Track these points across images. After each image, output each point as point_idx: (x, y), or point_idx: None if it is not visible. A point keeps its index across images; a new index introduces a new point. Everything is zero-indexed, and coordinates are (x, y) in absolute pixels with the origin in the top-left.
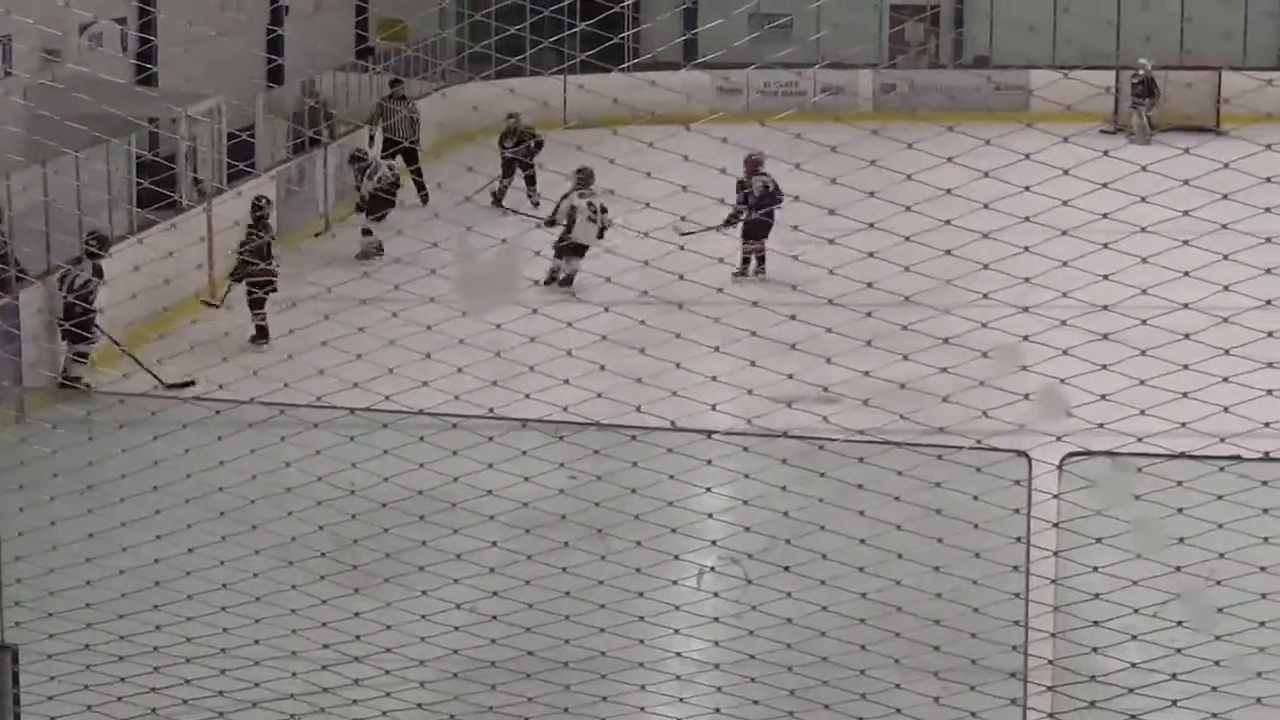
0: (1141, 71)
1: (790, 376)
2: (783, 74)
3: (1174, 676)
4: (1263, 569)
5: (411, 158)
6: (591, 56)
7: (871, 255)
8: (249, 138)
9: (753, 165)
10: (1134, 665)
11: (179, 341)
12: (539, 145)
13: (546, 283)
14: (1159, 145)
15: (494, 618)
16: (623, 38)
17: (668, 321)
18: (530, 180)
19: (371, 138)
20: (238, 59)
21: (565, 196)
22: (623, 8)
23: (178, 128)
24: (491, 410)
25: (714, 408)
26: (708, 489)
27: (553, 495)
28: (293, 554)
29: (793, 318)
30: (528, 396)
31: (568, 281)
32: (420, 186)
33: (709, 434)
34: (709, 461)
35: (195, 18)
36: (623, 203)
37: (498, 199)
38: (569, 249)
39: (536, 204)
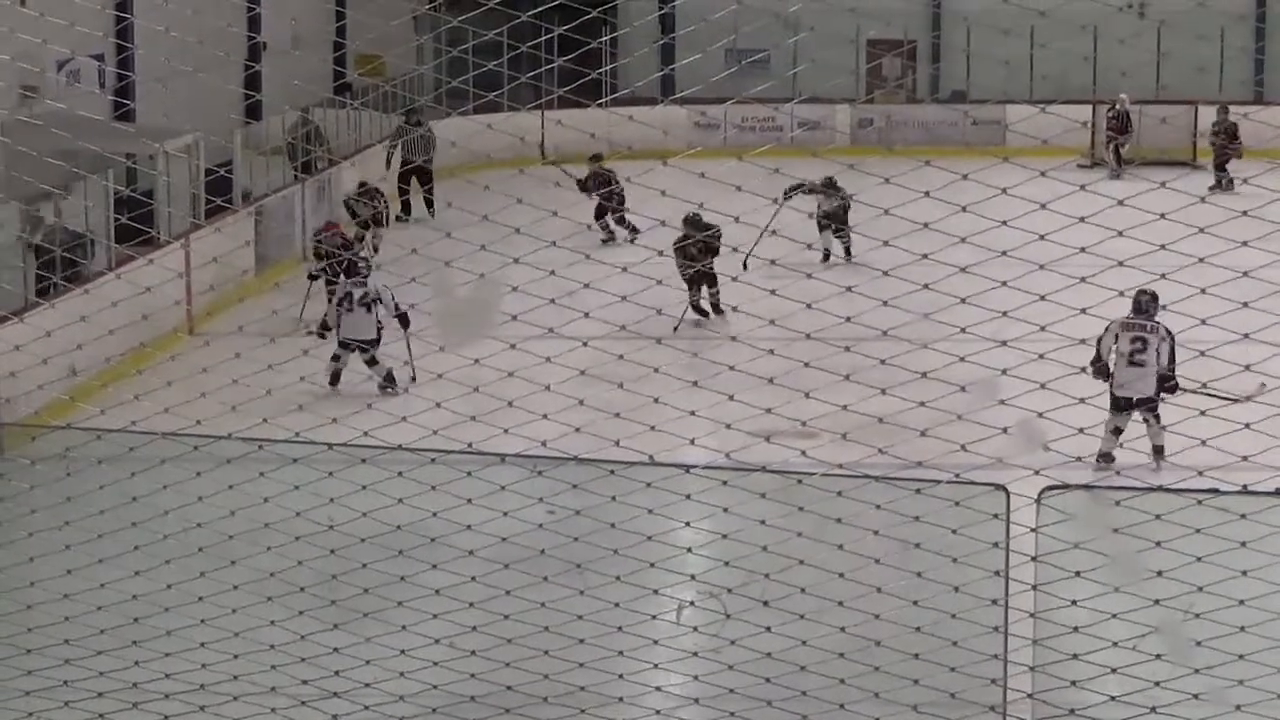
0: (1118, 106)
1: (768, 411)
2: (760, 109)
3: (1153, 710)
4: (1241, 602)
5: (425, 177)
6: (569, 92)
7: (849, 289)
8: (227, 173)
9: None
10: (1113, 698)
11: (157, 377)
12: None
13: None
14: (1134, 179)
15: (473, 653)
16: (600, 73)
17: (646, 356)
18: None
19: (388, 158)
20: (216, 95)
21: None
22: (600, 43)
23: (155, 163)
24: (470, 445)
25: (692, 442)
26: (686, 523)
27: (531, 530)
28: (272, 590)
29: (771, 352)
30: (506, 431)
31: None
32: (430, 205)
33: (687, 468)
34: (688, 496)
35: (173, 54)
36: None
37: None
38: None
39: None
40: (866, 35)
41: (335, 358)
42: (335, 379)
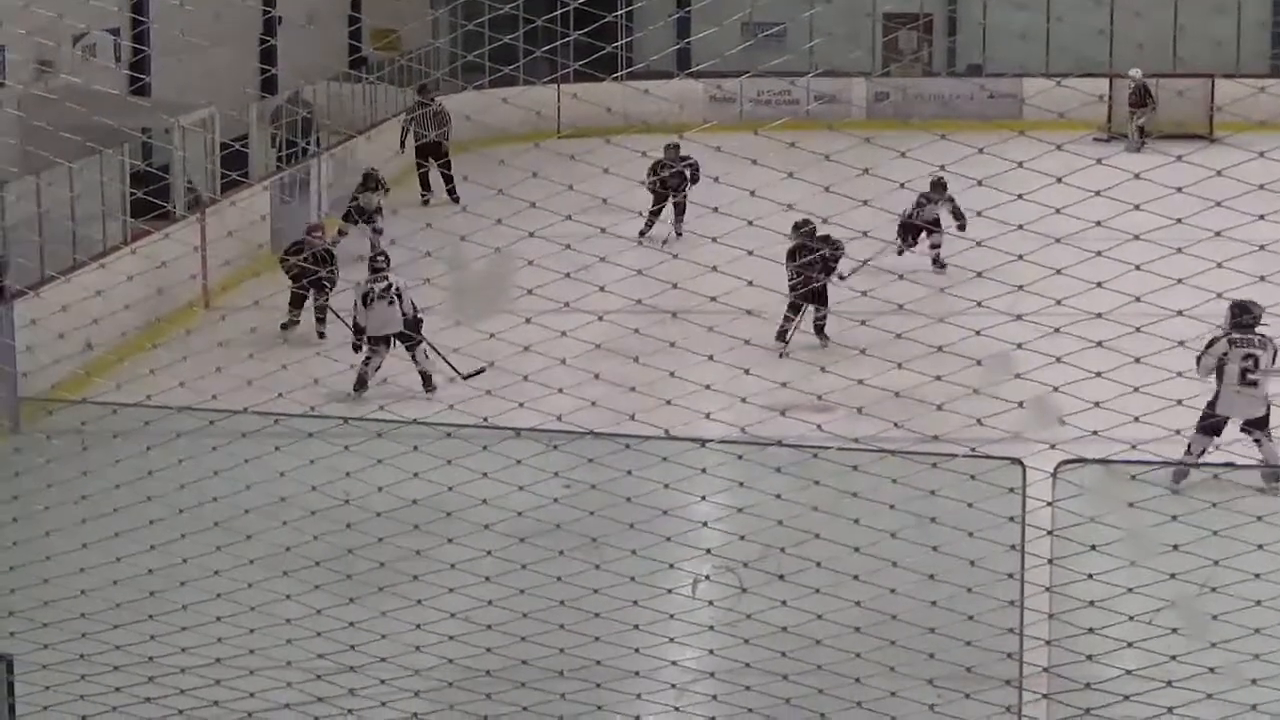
0: (1133, 81)
1: (784, 384)
2: (776, 82)
3: (1169, 684)
4: (1256, 576)
5: (439, 153)
6: (585, 65)
7: (864, 263)
8: (242, 148)
9: None
10: (1129, 672)
11: (173, 351)
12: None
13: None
14: (1152, 153)
15: (489, 627)
16: (616, 47)
17: (661, 330)
18: (679, 209)
19: (403, 137)
20: (231, 69)
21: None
22: (616, 17)
23: (171, 138)
24: (486, 419)
25: (708, 416)
26: (702, 497)
27: (547, 504)
28: (287, 564)
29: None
30: (522, 405)
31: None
32: (449, 180)
33: (703, 442)
34: (703, 470)
35: (188, 28)
36: (618, 211)
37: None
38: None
39: (679, 234)
40: (883, 9)
41: (366, 360)
42: (362, 384)
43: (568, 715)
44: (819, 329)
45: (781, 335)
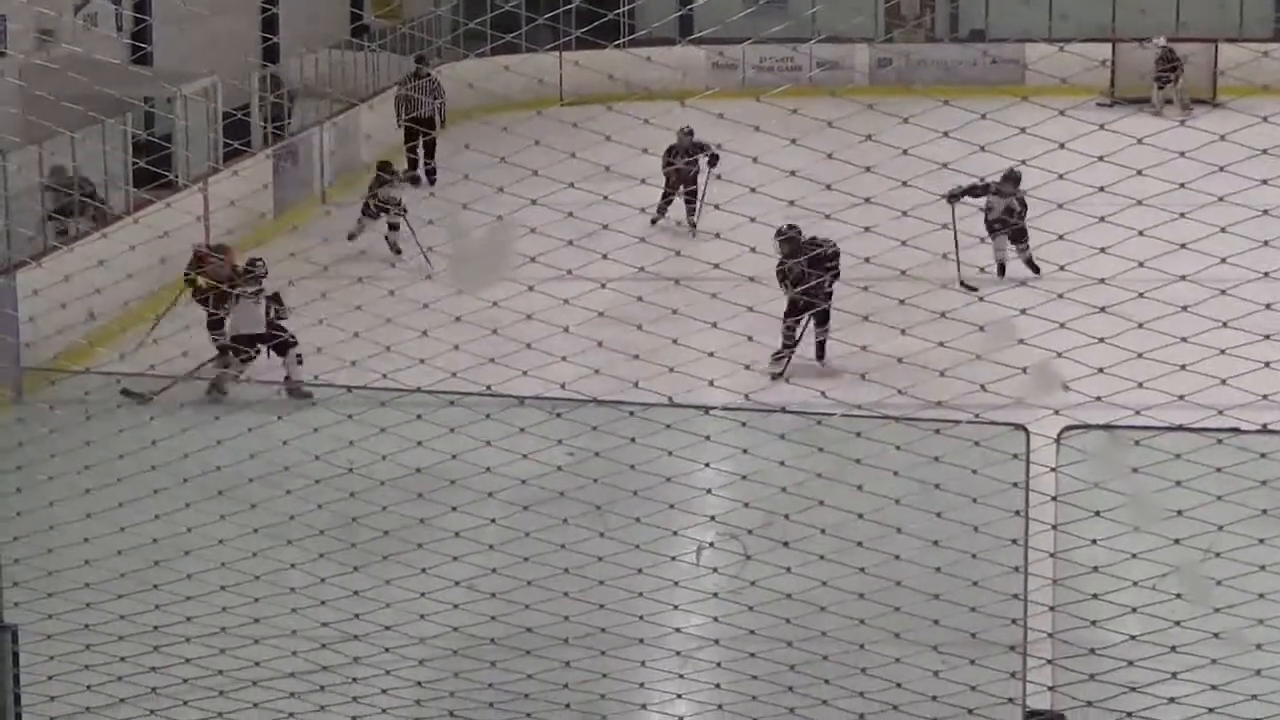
0: (1157, 48)
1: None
2: (778, 49)
3: (1173, 649)
4: (1261, 541)
5: (429, 126)
6: (587, 33)
7: (868, 230)
8: (244, 116)
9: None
10: (1133, 638)
11: (176, 321)
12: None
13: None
14: (1157, 117)
15: (493, 595)
16: (618, 14)
17: (665, 297)
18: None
19: (398, 110)
20: (233, 37)
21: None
22: None
23: (173, 107)
24: (489, 387)
25: (712, 383)
26: (706, 464)
27: (551, 472)
28: (291, 533)
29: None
30: (525, 373)
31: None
32: (430, 155)
33: (707, 409)
34: (707, 437)
35: None
36: (620, 179)
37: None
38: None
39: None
40: None
41: (223, 364)
42: (217, 386)
43: (572, 683)
44: (820, 347)
45: (781, 355)
